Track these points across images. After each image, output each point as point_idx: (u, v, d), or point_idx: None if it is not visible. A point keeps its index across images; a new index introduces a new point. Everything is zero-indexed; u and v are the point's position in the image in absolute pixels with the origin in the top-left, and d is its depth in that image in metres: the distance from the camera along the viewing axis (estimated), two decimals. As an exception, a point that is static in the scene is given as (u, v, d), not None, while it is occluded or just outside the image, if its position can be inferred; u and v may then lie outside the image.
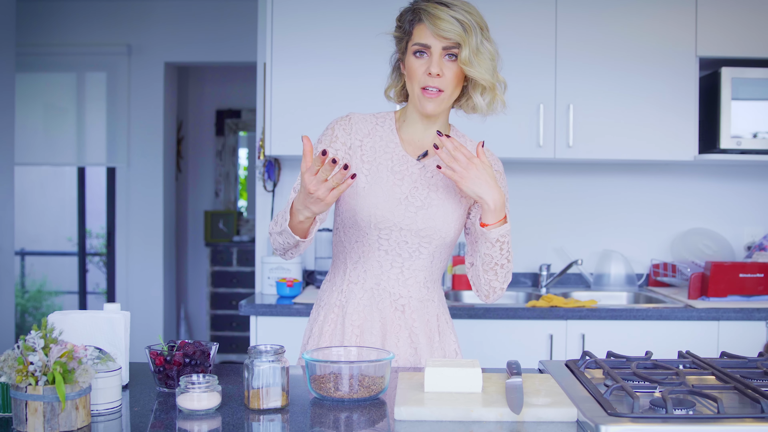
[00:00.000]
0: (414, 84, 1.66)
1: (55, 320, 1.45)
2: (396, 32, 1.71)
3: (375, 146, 1.73)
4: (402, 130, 1.76)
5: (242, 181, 6.23)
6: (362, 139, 1.74)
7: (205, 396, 1.30)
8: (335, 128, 1.74)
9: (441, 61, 1.62)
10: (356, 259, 1.74)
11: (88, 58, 4.98)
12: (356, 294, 1.73)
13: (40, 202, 6.46)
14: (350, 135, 1.74)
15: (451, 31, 1.60)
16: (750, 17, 2.99)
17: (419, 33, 1.64)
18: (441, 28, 1.60)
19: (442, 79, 1.63)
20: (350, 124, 1.75)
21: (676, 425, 1.16)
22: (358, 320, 1.73)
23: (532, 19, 2.99)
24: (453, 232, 1.72)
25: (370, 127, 1.75)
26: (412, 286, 1.73)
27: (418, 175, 1.71)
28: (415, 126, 1.74)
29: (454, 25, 1.60)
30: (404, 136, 1.75)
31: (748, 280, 2.85)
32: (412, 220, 1.69)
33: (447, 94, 1.65)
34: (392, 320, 1.72)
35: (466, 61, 1.61)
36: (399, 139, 1.74)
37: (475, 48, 1.62)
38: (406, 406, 1.27)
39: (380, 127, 1.76)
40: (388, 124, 1.76)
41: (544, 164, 3.33)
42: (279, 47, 2.97)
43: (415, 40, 1.64)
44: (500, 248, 1.63)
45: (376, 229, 1.69)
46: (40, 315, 6.18)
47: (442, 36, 1.60)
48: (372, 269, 1.72)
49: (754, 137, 2.98)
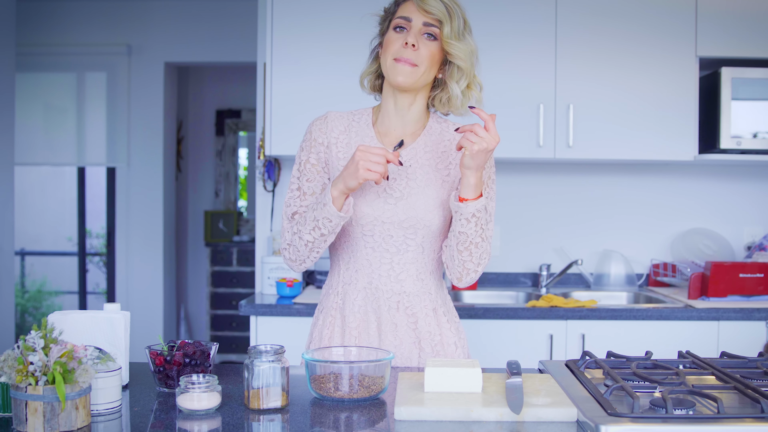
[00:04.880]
0: (388, 55, 1.66)
1: (55, 320, 1.45)
2: (383, 13, 1.74)
3: (350, 142, 1.74)
4: (378, 122, 1.77)
5: (242, 181, 6.23)
6: (338, 136, 1.75)
7: (205, 396, 1.30)
8: (312, 131, 1.76)
9: (419, 36, 1.65)
10: (348, 260, 1.74)
11: (88, 58, 4.98)
12: (351, 295, 1.73)
13: (40, 202, 6.46)
14: (326, 134, 1.75)
15: (434, 7, 1.63)
16: (750, 17, 2.99)
17: (403, 9, 1.67)
18: (426, 3, 1.63)
19: (418, 53, 1.64)
20: (326, 122, 1.76)
21: (676, 425, 1.16)
22: (354, 322, 1.72)
23: (532, 19, 2.99)
24: (437, 219, 1.70)
25: (346, 123, 1.76)
26: (405, 281, 1.72)
27: (396, 166, 1.70)
28: (389, 117, 1.75)
29: (439, 3, 1.63)
30: (380, 128, 1.76)
31: (748, 280, 2.84)
32: (393, 212, 1.68)
33: (420, 71, 1.65)
34: (387, 318, 1.71)
35: (448, 37, 1.64)
36: (375, 132, 1.75)
37: (457, 30, 1.65)
38: (406, 406, 1.27)
39: (356, 123, 1.77)
40: (364, 119, 1.78)
41: (544, 164, 3.33)
42: (279, 47, 2.97)
43: (398, 14, 1.67)
44: (476, 224, 1.62)
45: (359, 226, 1.69)
46: (40, 315, 6.18)
47: (426, 10, 1.63)
48: (363, 268, 1.72)
49: (754, 137, 2.98)
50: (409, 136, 1.75)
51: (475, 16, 2.98)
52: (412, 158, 1.72)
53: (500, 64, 3.00)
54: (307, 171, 1.75)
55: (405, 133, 1.75)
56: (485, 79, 3.09)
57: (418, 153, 1.73)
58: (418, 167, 1.71)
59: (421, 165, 1.72)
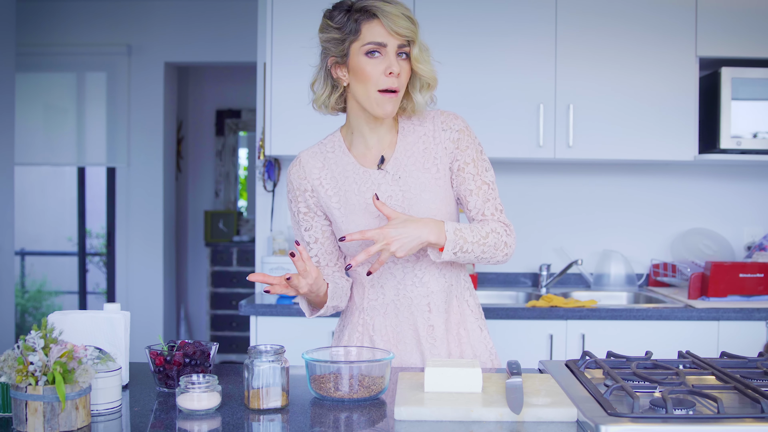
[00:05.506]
0: (369, 86, 1.58)
1: (55, 320, 1.45)
2: (332, 33, 1.62)
3: (335, 176, 1.70)
4: (353, 146, 1.71)
5: (242, 181, 6.23)
6: (319, 174, 1.70)
7: (205, 396, 1.30)
8: (292, 180, 1.73)
9: (396, 60, 1.59)
10: (371, 279, 1.71)
11: (88, 58, 4.98)
12: (379, 310, 1.71)
13: (40, 202, 6.46)
14: (306, 179, 1.71)
15: (407, 28, 1.56)
16: (750, 17, 2.99)
17: (371, 32, 1.57)
18: (399, 25, 1.55)
19: (399, 79, 1.59)
20: (301, 167, 1.71)
21: (676, 425, 1.16)
22: (387, 335, 1.71)
23: (532, 19, 2.99)
24: (443, 217, 1.67)
25: (322, 158, 1.72)
26: (429, 282, 1.69)
27: (386, 183, 1.67)
28: (364, 136, 1.69)
29: (407, 21, 1.57)
30: (356, 151, 1.71)
31: (748, 280, 2.84)
32: None
33: (401, 94, 1.61)
34: (422, 322, 1.69)
35: (417, 58, 1.59)
36: (352, 157, 1.70)
37: (422, 44, 1.60)
38: (406, 406, 1.27)
39: (332, 153, 1.72)
40: (338, 146, 1.72)
41: (544, 164, 3.33)
42: (279, 47, 2.97)
43: (367, 39, 1.57)
44: (465, 257, 1.61)
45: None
46: (40, 315, 6.18)
47: (399, 33, 1.56)
48: (388, 282, 1.70)
49: (754, 137, 2.98)
50: (388, 147, 1.70)
51: (476, 16, 3.01)
52: (399, 169, 1.68)
53: (500, 64, 3.00)
54: (302, 221, 1.73)
55: (382, 146, 1.70)
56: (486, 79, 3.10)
57: (402, 161, 1.68)
58: (407, 175, 1.67)
59: (409, 172, 1.67)
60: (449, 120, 1.70)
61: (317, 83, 1.71)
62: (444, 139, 1.69)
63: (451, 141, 1.68)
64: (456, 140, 1.68)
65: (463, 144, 1.69)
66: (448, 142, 1.68)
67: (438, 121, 1.70)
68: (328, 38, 1.63)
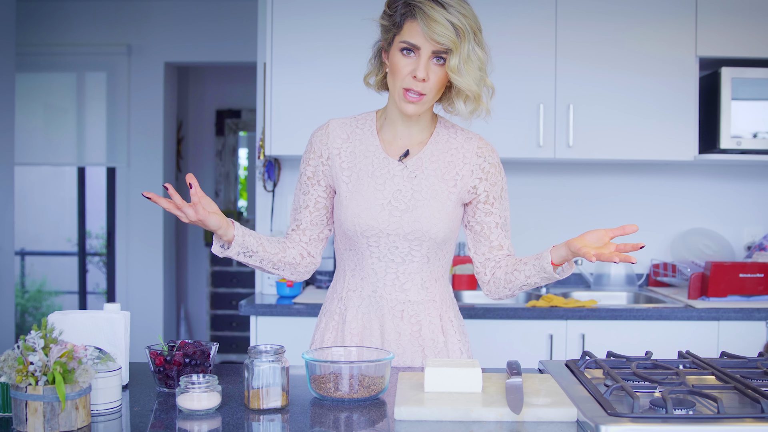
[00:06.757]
0: (396, 82, 1.58)
1: (55, 320, 1.45)
2: (384, 20, 1.61)
3: (355, 151, 1.70)
4: (383, 130, 1.71)
5: (242, 181, 6.23)
6: (340, 145, 1.70)
7: (205, 396, 1.30)
8: (313, 142, 1.73)
9: (428, 64, 1.55)
10: (353, 267, 1.73)
11: (88, 58, 4.98)
12: (354, 302, 1.72)
13: (40, 202, 6.46)
14: (327, 145, 1.71)
15: (444, 36, 1.52)
16: (750, 17, 2.99)
17: (410, 31, 1.55)
18: (435, 32, 1.51)
19: (426, 84, 1.56)
20: (327, 133, 1.71)
21: (676, 425, 1.16)
22: (357, 328, 1.71)
23: (532, 19, 2.99)
24: (443, 232, 1.67)
25: (349, 131, 1.71)
26: (410, 290, 1.70)
27: (401, 176, 1.67)
28: (395, 125, 1.69)
29: (448, 29, 1.51)
30: (385, 136, 1.70)
31: (748, 280, 2.84)
32: (398, 225, 1.65)
33: (429, 98, 1.59)
34: (391, 327, 1.70)
35: (455, 69, 1.54)
36: (379, 140, 1.70)
37: (465, 55, 1.54)
38: (406, 406, 1.27)
39: (360, 129, 1.71)
40: (368, 125, 1.72)
41: (544, 164, 3.33)
42: (279, 47, 2.97)
43: (405, 37, 1.55)
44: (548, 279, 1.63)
45: (364, 237, 1.66)
46: (40, 315, 6.18)
47: (435, 40, 1.52)
48: (368, 277, 1.71)
49: (754, 137, 2.98)
50: (416, 145, 1.69)
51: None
52: (418, 168, 1.67)
53: (500, 64, 2.96)
54: (303, 184, 1.74)
55: (411, 142, 1.69)
56: (485, 79, 3.08)
57: (425, 163, 1.68)
58: (424, 178, 1.67)
59: (426, 176, 1.67)
60: (486, 150, 1.72)
61: (372, 60, 1.72)
62: (474, 163, 1.69)
63: (481, 169, 1.70)
64: (486, 171, 1.70)
65: (493, 178, 1.71)
66: (478, 170, 1.69)
67: (474, 144, 1.71)
68: (382, 23, 1.63)
